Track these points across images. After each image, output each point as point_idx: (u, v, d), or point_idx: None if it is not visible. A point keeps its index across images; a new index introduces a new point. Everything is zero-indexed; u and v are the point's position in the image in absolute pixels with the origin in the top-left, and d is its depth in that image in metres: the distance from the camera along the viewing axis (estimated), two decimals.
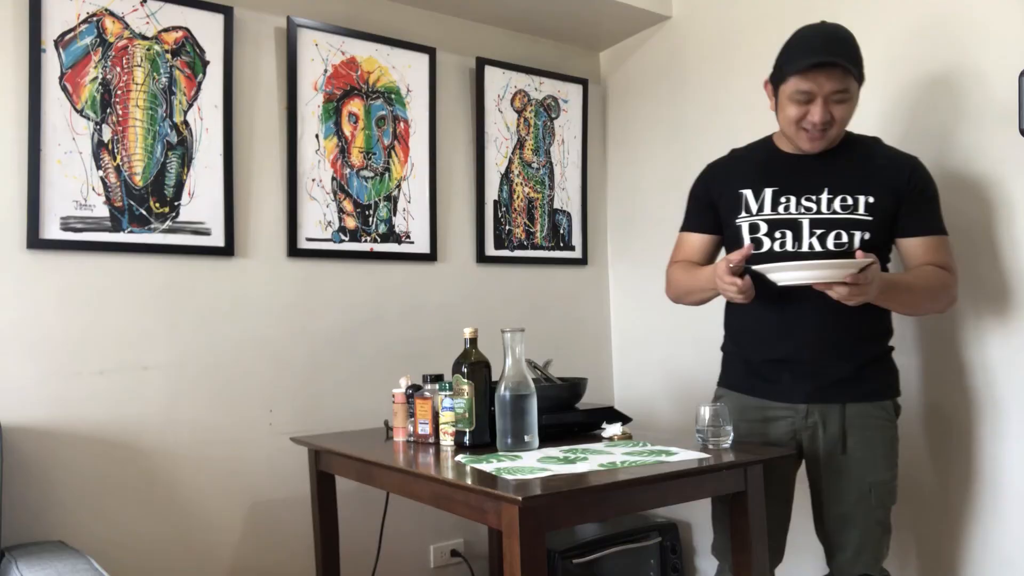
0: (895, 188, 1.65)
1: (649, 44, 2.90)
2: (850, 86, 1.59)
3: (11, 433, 1.94)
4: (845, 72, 1.57)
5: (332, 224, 2.44)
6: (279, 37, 2.38)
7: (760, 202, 1.72)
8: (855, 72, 1.58)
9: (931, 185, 1.69)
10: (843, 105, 1.61)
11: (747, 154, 1.83)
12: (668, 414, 2.80)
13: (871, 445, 1.67)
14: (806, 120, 1.62)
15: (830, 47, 1.57)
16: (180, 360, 2.19)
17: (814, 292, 1.55)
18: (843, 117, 1.62)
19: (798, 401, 1.71)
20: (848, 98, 1.60)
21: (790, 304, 1.67)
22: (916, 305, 1.70)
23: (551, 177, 2.93)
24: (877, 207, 1.64)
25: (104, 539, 2.04)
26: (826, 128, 1.62)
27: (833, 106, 1.60)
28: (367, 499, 2.38)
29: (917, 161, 1.70)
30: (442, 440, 1.82)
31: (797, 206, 1.68)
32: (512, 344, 1.72)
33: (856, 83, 1.61)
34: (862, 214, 1.64)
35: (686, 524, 2.73)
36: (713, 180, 1.84)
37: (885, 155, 1.71)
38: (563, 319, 2.95)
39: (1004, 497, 1.88)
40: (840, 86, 1.58)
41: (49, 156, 2.01)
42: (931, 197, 1.69)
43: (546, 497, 1.34)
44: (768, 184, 1.71)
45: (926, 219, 1.67)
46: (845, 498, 1.68)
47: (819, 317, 1.65)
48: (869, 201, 1.64)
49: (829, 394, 1.69)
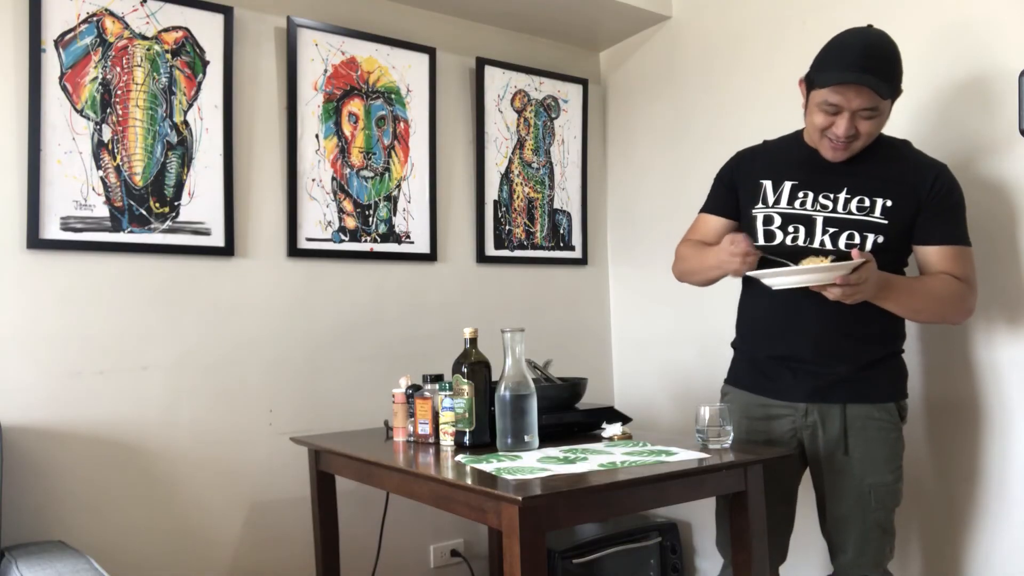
0: (916, 194, 1.63)
1: (649, 44, 2.90)
2: (880, 104, 1.56)
3: (11, 433, 1.94)
4: (877, 89, 1.53)
5: (332, 224, 2.44)
6: (279, 37, 2.38)
7: (778, 195, 1.72)
8: (887, 89, 1.54)
9: (955, 194, 1.65)
10: (871, 121, 1.58)
11: (776, 145, 1.82)
12: (668, 414, 2.80)
13: (872, 447, 1.66)
14: (831, 131, 1.60)
15: (866, 63, 1.52)
16: (180, 360, 2.19)
17: (816, 292, 1.56)
18: (869, 132, 1.60)
19: (798, 400, 1.71)
20: (877, 115, 1.57)
21: (795, 302, 1.67)
22: (919, 311, 1.66)
23: (551, 177, 2.93)
24: (894, 211, 1.63)
25: (104, 539, 2.04)
26: (850, 141, 1.60)
27: (860, 121, 1.58)
28: (367, 499, 2.37)
29: (944, 168, 1.66)
30: (442, 440, 1.82)
31: (814, 203, 1.68)
32: (512, 344, 1.72)
33: (889, 100, 1.58)
34: (878, 217, 1.63)
35: (686, 524, 2.73)
36: (739, 167, 1.84)
37: (911, 160, 1.68)
38: (563, 319, 2.95)
39: (1010, 499, 1.87)
40: (870, 103, 1.54)
41: (49, 156, 2.01)
42: (953, 206, 1.64)
43: (546, 497, 1.34)
44: (789, 178, 1.71)
45: (946, 228, 1.64)
46: (844, 499, 1.68)
47: (823, 317, 1.65)
48: (887, 205, 1.63)
49: (829, 394, 1.69)
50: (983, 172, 1.90)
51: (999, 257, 1.87)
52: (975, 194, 1.86)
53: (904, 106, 2.05)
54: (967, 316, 1.69)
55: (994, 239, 1.87)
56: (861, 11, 2.15)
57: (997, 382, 1.89)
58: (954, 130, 1.96)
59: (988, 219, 1.87)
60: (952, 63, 1.98)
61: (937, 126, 1.99)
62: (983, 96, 1.91)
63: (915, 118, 2.02)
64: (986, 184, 1.89)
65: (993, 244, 1.87)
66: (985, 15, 1.92)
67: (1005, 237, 1.87)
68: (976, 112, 1.92)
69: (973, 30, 1.94)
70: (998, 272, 1.87)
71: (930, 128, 2.00)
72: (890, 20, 2.10)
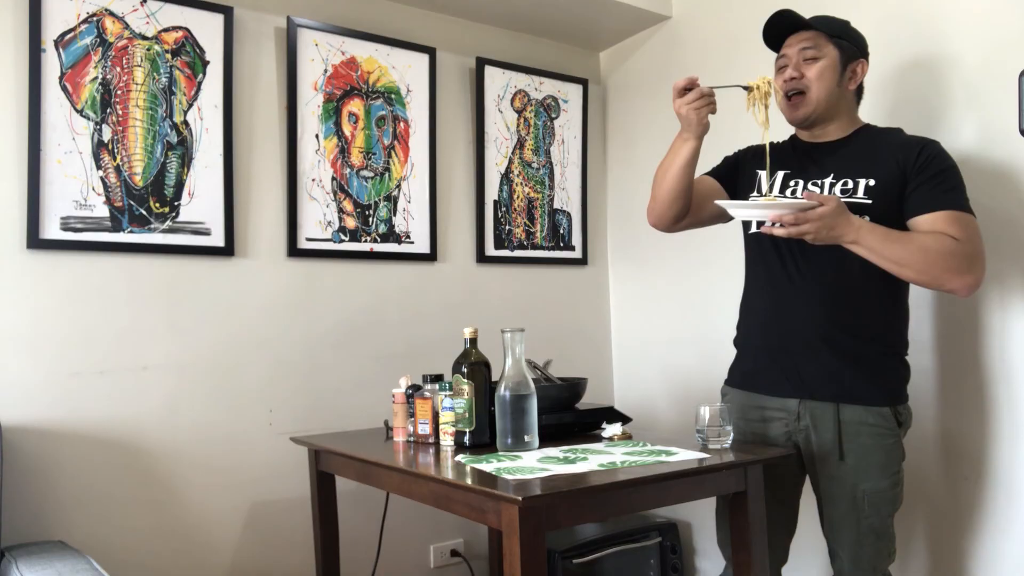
0: (902, 169, 1.60)
1: (649, 44, 2.90)
2: (818, 43, 1.66)
3: (11, 433, 1.94)
4: (811, 32, 1.65)
5: (332, 224, 2.44)
6: (279, 37, 2.38)
7: (771, 184, 1.76)
8: (817, 23, 1.65)
9: (942, 161, 1.59)
10: (814, 64, 1.66)
11: (776, 144, 1.84)
12: (668, 414, 2.80)
13: (867, 453, 1.63)
14: (781, 82, 1.70)
15: (789, 11, 1.69)
16: (180, 360, 2.19)
17: (810, 281, 1.64)
18: (815, 77, 1.66)
19: (787, 395, 1.71)
20: (818, 56, 1.65)
21: (785, 292, 1.69)
22: (903, 262, 1.51)
23: (551, 177, 2.93)
24: (878, 190, 1.61)
25: (104, 539, 2.04)
26: (800, 92, 1.67)
27: (804, 65, 1.67)
28: (367, 499, 2.38)
29: (932, 142, 1.63)
30: (442, 440, 1.82)
31: (803, 189, 1.70)
32: (512, 344, 1.72)
33: (829, 45, 1.66)
34: (861, 197, 1.61)
35: (686, 524, 2.73)
36: (744, 156, 1.91)
37: (899, 140, 1.67)
38: (563, 319, 2.95)
39: (1019, 500, 1.86)
40: (807, 43, 1.66)
41: (49, 156, 2.01)
42: (941, 172, 1.58)
43: (546, 497, 1.34)
44: (782, 167, 1.76)
45: (935, 195, 1.56)
46: (838, 504, 1.66)
47: (811, 307, 1.66)
48: (869, 184, 1.62)
49: (818, 390, 1.66)
50: (983, 171, 1.91)
51: (1002, 252, 1.87)
52: (974, 195, 1.87)
53: (905, 106, 2.06)
54: (967, 282, 1.52)
55: (997, 234, 1.87)
56: (861, 11, 2.15)
57: (1008, 382, 1.88)
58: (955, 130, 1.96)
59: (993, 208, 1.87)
60: (953, 63, 1.98)
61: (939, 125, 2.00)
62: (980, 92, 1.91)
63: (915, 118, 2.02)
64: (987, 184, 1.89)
65: (1004, 237, 1.86)
66: (987, 16, 1.92)
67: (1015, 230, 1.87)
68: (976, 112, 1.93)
69: (978, 27, 1.94)
70: (1008, 269, 1.87)
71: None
72: (890, 19, 2.11)
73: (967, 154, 1.91)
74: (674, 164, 1.73)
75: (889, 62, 2.10)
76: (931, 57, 2.02)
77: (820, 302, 1.65)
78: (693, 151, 1.70)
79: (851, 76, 1.69)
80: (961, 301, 1.93)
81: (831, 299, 1.63)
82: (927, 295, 1.99)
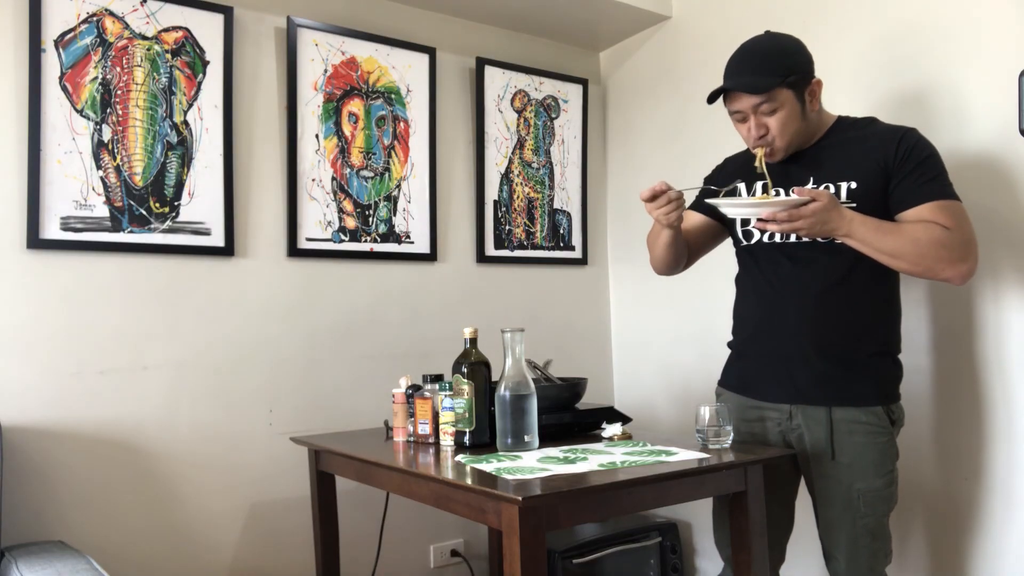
0: (883, 165, 1.59)
1: (649, 44, 2.90)
2: (773, 96, 1.58)
3: (11, 433, 1.94)
4: (751, 88, 1.59)
5: (332, 224, 2.44)
6: (279, 37, 2.38)
7: (752, 194, 1.76)
8: (764, 83, 1.57)
9: (921, 151, 1.58)
10: (773, 116, 1.61)
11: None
12: (668, 414, 2.80)
13: (860, 452, 1.62)
14: (748, 138, 1.68)
15: (739, 67, 1.63)
16: (180, 360, 2.19)
17: (802, 285, 1.65)
18: (779, 126, 1.62)
19: (780, 401, 1.71)
20: (776, 108, 1.60)
21: (778, 298, 1.69)
22: (896, 253, 1.52)
23: (551, 177, 2.93)
24: (861, 192, 1.60)
25: (104, 539, 2.04)
26: (769, 142, 1.64)
27: (764, 118, 1.62)
28: (367, 499, 2.38)
29: (909, 131, 1.61)
30: (442, 440, 1.82)
31: (787, 195, 1.68)
32: (512, 344, 1.72)
33: (782, 90, 1.59)
34: (844, 201, 1.60)
35: (686, 524, 2.73)
36: (722, 171, 1.91)
37: (875, 135, 1.64)
38: (563, 319, 2.95)
39: (1015, 501, 1.86)
40: (759, 100, 1.59)
41: (49, 156, 2.01)
42: (921, 162, 1.56)
43: (546, 497, 1.34)
44: (760, 177, 1.72)
45: (919, 187, 1.55)
46: (832, 504, 1.66)
47: (803, 311, 1.66)
48: (851, 187, 1.61)
49: (811, 394, 1.66)
50: (983, 171, 1.91)
51: (998, 251, 1.87)
52: (973, 195, 1.87)
53: (905, 106, 2.06)
54: (960, 271, 1.52)
55: (993, 234, 1.87)
56: (862, 10, 2.15)
57: (1004, 382, 1.88)
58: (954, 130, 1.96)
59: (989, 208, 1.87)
60: (953, 63, 1.98)
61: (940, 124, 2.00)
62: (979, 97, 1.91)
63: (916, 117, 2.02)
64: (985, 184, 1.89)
65: (1000, 238, 1.87)
66: (989, 16, 1.92)
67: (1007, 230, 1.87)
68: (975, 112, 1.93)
69: (978, 27, 1.94)
70: (1004, 267, 1.87)
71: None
72: (890, 19, 2.11)
73: (967, 154, 1.92)
74: (659, 243, 1.82)
75: (889, 62, 2.10)
76: (931, 57, 2.02)
77: (810, 309, 1.65)
78: (673, 234, 1.77)
79: (811, 99, 1.64)
80: (957, 302, 1.94)
81: (821, 306, 1.63)
82: (922, 296, 2.00)
